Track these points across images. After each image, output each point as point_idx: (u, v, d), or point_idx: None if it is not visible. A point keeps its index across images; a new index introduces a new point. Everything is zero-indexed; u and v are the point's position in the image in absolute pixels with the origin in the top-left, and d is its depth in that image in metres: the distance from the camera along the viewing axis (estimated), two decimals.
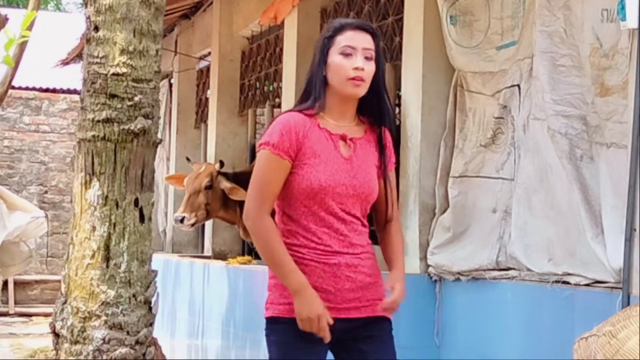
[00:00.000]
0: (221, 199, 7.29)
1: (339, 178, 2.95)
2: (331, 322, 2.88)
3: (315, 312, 2.87)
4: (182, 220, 7.10)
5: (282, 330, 2.99)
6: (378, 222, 3.17)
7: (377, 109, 3.03)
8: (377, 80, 2.99)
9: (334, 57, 2.96)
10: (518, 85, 4.47)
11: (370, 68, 2.96)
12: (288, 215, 3.00)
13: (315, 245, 2.97)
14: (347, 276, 2.98)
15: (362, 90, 2.97)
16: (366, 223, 3.07)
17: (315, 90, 2.97)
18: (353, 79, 2.93)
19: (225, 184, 7.21)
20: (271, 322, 3.04)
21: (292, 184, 2.95)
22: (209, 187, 7.18)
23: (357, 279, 3.00)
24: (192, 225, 7.27)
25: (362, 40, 2.98)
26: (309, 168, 2.93)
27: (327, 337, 2.89)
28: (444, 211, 4.93)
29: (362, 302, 3.01)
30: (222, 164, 7.43)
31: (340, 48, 2.95)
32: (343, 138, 2.99)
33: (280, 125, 2.96)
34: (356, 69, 2.93)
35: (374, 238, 3.19)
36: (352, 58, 2.94)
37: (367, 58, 2.96)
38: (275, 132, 2.94)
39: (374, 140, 3.06)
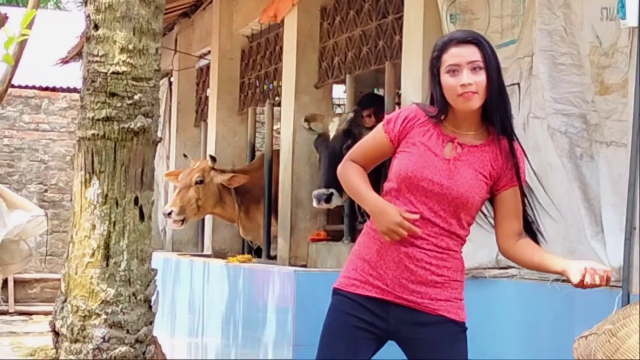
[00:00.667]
0: (215, 195, 7.30)
1: (427, 173, 2.98)
2: (408, 227, 2.94)
3: (392, 221, 2.94)
4: (169, 214, 7.11)
5: (338, 301, 3.09)
6: (503, 237, 3.15)
7: (498, 117, 3.04)
8: (492, 87, 3.01)
9: (444, 77, 3.00)
10: (518, 84, 4.47)
11: (480, 79, 2.97)
12: (387, 194, 3.10)
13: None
14: (407, 267, 3.00)
15: (475, 102, 2.98)
16: (456, 231, 3.07)
17: (440, 105, 3.02)
18: (461, 95, 2.95)
19: (221, 177, 7.21)
20: (333, 292, 3.14)
21: (392, 166, 3.09)
22: (200, 182, 7.19)
23: (418, 272, 3.00)
24: (182, 221, 7.26)
25: (466, 54, 2.98)
26: (406, 155, 3.02)
27: (417, 230, 2.96)
28: None
29: (423, 298, 3.02)
30: (213, 159, 7.43)
31: (447, 67, 2.99)
32: (452, 140, 3.02)
33: (406, 112, 3.10)
34: (462, 85, 2.95)
35: None
36: (458, 75, 2.96)
37: (474, 70, 2.97)
38: (399, 116, 3.09)
39: (496, 152, 3.04)
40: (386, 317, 3.02)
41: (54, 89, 15.05)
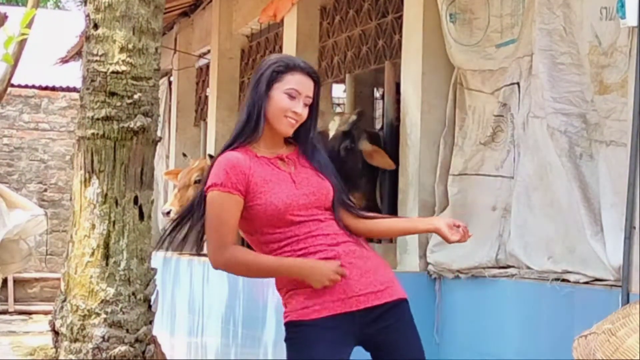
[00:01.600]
0: None
1: (297, 191, 3.08)
2: (341, 271, 3.00)
3: (329, 272, 2.99)
4: (168, 213, 7.11)
5: (302, 332, 3.05)
6: (347, 223, 3.19)
7: (307, 139, 3.23)
8: (308, 125, 3.20)
9: (278, 94, 3.11)
10: (517, 83, 4.47)
11: (305, 113, 3.16)
12: (268, 243, 3.09)
13: (305, 250, 3.06)
14: (350, 263, 3.04)
15: (292, 130, 3.16)
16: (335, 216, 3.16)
17: (253, 119, 3.12)
18: (289, 119, 3.12)
19: None
20: (291, 325, 3.09)
21: (258, 215, 3.05)
22: (199, 182, 7.19)
23: (359, 263, 3.06)
24: None
25: (308, 88, 3.15)
26: (267, 194, 3.04)
27: (346, 273, 3.00)
28: (444, 209, 4.93)
29: (376, 286, 3.07)
30: (212, 158, 7.43)
31: (287, 88, 3.11)
32: (280, 158, 3.15)
33: (222, 164, 3.08)
34: (295, 112, 3.11)
35: None
36: (295, 101, 3.11)
37: (305, 104, 3.15)
38: (221, 172, 3.06)
39: (303, 155, 3.22)
40: (352, 327, 3.03)
41: (53, 89, 15.06)
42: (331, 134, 5.93)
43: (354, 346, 3.11)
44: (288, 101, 3.10)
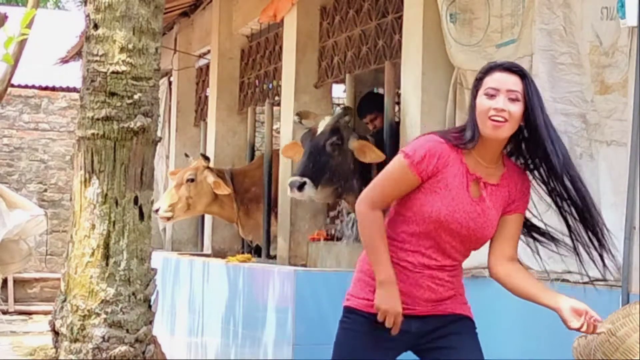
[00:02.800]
0: (208, 194, 7.30)
1: (458, 217, 3.01)
2: (397, 321, 3.00)
3: (395, 308, 2.98)
4: (156, 211, 7.11)
5: (358, 321, 3.09)
6: (497, 258, 3.20)
7: (534, 154, 3.05)
8: (531, 122, 2.97)
9: (480, 99, 2.97)
10: None
11: (514, 109, 2.93)
12: (403, 222, 3.07)
13: (406, 255, 3.07)
14: (429, 286, 3.08)
15: (503, 132, 2.95)
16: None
17: (471, 130, 2.99)
18: (491, 118, 2.93)
19: (210, 178, 7.21)
20: (349, 311, 3.13)
21: (417, 203, 3.01)
22: (191, 181, 7.19)
23: (439, 290, 3.10)
24: (169, 218, 7.27)
25: (507, 82, 2.95)
26: (437, 197, 2.99)
27: (396, 331, 3.00)
28: None
29: (441, 305, 3.12)
30: (206, 158, 7.43)
31: (485, 89, 2.96)
32: (477, 180, 3.02)
33: (428, 146, 3.00)
34: (495, 109, 2.92)
35: None
36: (494, 99, 2.94)
37: (511, 99, 2.94)
38: (420, 151, 2.99)
39: (512, 187, 3.08)
40: (408, 330, 3.07)
41: (53, 89, 15.05)
42: (319, 130, 5.91)
43: (403, 351, 3.15)
44: (487, 101, 2.93)
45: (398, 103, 6.10)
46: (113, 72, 3.51)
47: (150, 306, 3.60)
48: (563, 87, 4.11)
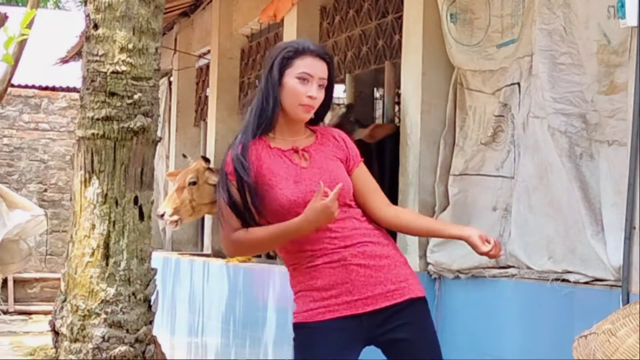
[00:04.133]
0: (211, 195, 7.28)
1: (304, 187, 3.02)
2: (330, 209, 2.92)
3: (319, 211, 2.91)
4: (162, 216, 7.10)
5: (307, 334, 3.08)
6: (376, 209, 3.16)
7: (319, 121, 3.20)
8: (326, 106, 3.16)
9: (291, 80, 3.06)
10: (518, 83, 4.47)
11: (321, 96, 3.10)
12: (291, 246, 3.09)
13: (312, 253, 3.04)
14: (358, 264, 3.02)
15: (310, 115, 3.11)
16: (355, 208, 3.11)
17: (269, 109, 3.07)
18: (304, 105, 3.05)
19: (214, 179, 7.20)
20: (297, 327, 3.13)
21: (266, 208, 3.03)
22: (193, 184, 7.18)
23: (370, 264, 3.03)
24: (176, 222, 7.25)
25: (320, 69, 3.08)
26: (274, 189, 3.01)
27: (336, 209, 2.92)
28: (444, 209, 4.93)
29: (387, 286, 3.04)
30: (206, 160, 7.42)
31: (298, 73, 3.06)
32: (295, 150, 3.09)
33: (228, 155, 3.07)
34: (310, 97, 3.05)
35: None
36: (308, 85, 3.05)
37: (320, 86, 3.08)
38: (229, 161, 3.06)
39: (331, 142, 3.17)
40: (359, 329, 3.02)
41: (53, 89, 15.06)
42: None
43: (362, 348, 3.10)
44: (301, 86, 3.04)
45: (398, 103, 6.10)
46: (113, 72, 3.51)
47: (150, 306, 3.60)
48: (563, 87, 4.11)
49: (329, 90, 3.12)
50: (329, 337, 3.00)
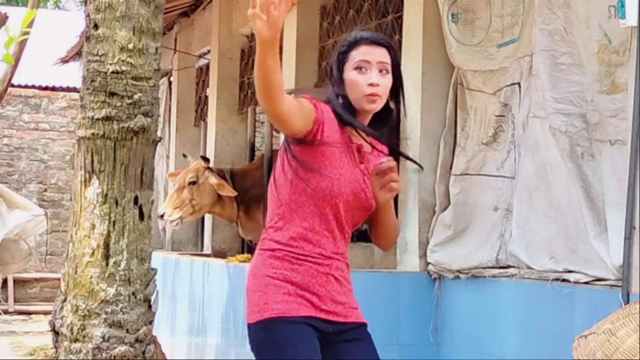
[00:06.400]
0: (211, 195, 7.28)
1: (354, 188, 2.91)
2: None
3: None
4: (162, 216, 7.10)
5: (289, 329, 2.90)
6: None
7: (389, 123, 3.00)
8: (396, 92, 2.95)
9: (349, 74, 2.92)
10: (518, 83, 4.47)
11: (386, 82, 2.91)
12: (293, 212, 2.92)
13: (312, 247, 2.93)
14: (336, 278, 2.95)
15: (379, 105, 2.92)
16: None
17: (347, 109, 2.92)
18: (369, 95, 2.88)
19: (213, 179, 7.20)
20: (272, 322, 2.90)
21: (311, 180, 2.86)
22: (193, 183, 7.18)
23: (343, 283, 2.98)
24: (176, 221, 7.24)
25: (377, 54, 2.91)
26: (332, 170, 2.86)
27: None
28: (444, 209, 4.93)
29: (346, 307, 2.98)
30: (205, 159, 7.42)
31: (355, 63, 2.91)
32: (359, 149, 2.95)
33: (324, 107, 2.90)
34: (371, 85, 2.88)
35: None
36: (367, 73, 2.90)
37: (381, 72, 2.91)
38: (321, 107, 2.87)
39: (377, 151, 3.01)
40: (325, 331, 2.93)
41: (53, 89, 15.05)
42: None
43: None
44: (359, 76, 2.88)
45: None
46: (113, 72, 3.51)
47: (150, 306, 3.60)
48: (564, 87, 4.11)
49: (397, 77, 2.93)
50: (307, 329, 2.88)
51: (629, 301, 3.55)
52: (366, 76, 2.89)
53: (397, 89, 2.94)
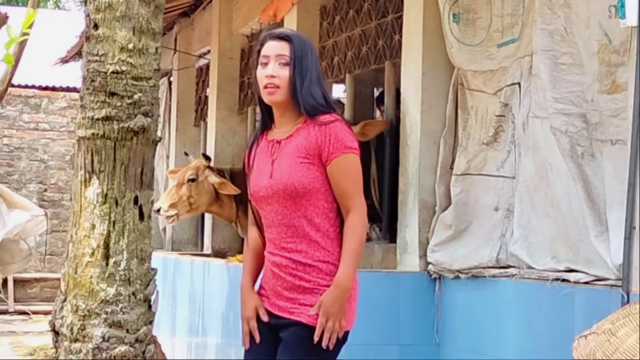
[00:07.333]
0: (210, 193, 7.28)
1: (260, 182, 3.07)
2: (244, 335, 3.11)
3: (242, 315, 3.15)
4: (158, 211, 7.10)
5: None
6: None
7: (300, 106, 3.03)
8: (293, 83, 3.01)
9: (257, 70, 3.08)
10: (519, 83, 4.47)
11: (284, 73, 3.01)
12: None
13: (267, 249, 3.15)
14: (277, 274, 3.06)
15: (278, 96, 3.03)
16: (309, 233, 3.01)
17: (261, 105, 3.13)
18: (266, 86, 3.02)
19: (213, 179, 7.20)
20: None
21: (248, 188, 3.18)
22: (193, 181, 7.18)
23: (287, 279, 3.04)
24: (172, 217, 7.24)
25: (276, 48, 3.04)
26: (253, 176, 3.14)
27: (246, 343, 3.11)
28: (444, 209, 4.93)
29: (294, 303, 3.03)
30: (207, 158, 7.42)
31: (260, 59, 3.07)
32: (278, 142, 3.08)
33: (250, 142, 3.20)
34: (267, 76, 3.02)
35: None
36: (267, 67, 3.04)
37: (281, 64, 3.02)
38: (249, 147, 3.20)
39: (309, 132, 3.01)
40: (270, 323, 3.11)
41: (53, 89, 15.05)
42: None
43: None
44: (261, 70, 3.05)
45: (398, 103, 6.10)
46: (113, 72, 3.51)
47: (150, 306, 3.60)
48: (564, 87, 4.11)
49: (297, 69, 3.00)
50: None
51: (629, 301, 3.55)
52: (265, 69, 3.03)
53: (296, 78, 3.00)
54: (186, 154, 8.21)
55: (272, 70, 3.00)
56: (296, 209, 3.00)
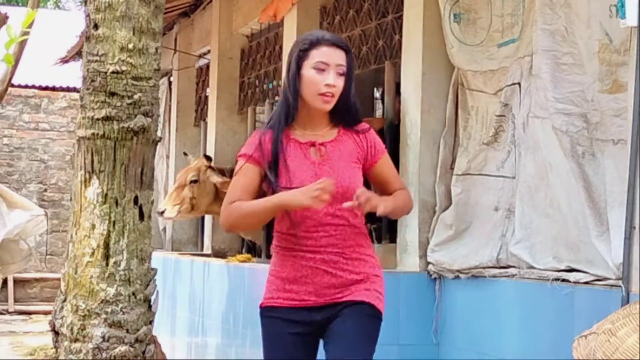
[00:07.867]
0: (211, 194, 7.29)
1: (306, 181, 3.06)
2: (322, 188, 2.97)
3: (309, 190, 2.98)
4: (162, 213, 7.11)
5: (267, 322, 3.32)
6: None
7: (346, 115, 3.18)
8: (346, 94, 3.13)
9: (308, 71, 3.09)
10: (519, 83, 4.47)
11: (340, 84, 3.09)
12: (279, 226, 3.19)
13: (293, 245, 3.14)
14: (325, 271, 3.10)
15: (330, 105, 3.12)
16: (355, 222, 3.15)
17: (290, 100, 3.12)
18: (323, 94, 3.07)
19: (216, 178, 7.20)
20: (260, 314, 3.37)
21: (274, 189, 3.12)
22: (195, 182, 7.18)
23: (337, 274, 3.10)
24: (173, 218, 7.26)
25: (336, 57, 3.09)
26: (284, 179, 3.08)
27: (323, 197, 2.97)
28: (445, 209, 4.92)
29: (344, 294, 3.11)
30: (208, 158, 7.42)
31: (315, 63, 3.08)
32: (312, 144, 3.13)
33: (252, 139, 3.18)
34: (327, 85, 3.06)
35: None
36: (325, 74, 3.07)
37: (339, 74, 3.09)
38: (249, 146, 3.16)
39: (352, 139, 3.19)
40: (312, 320, 3.13)
41: (53, 89, 15.05)
42: None
43: (317, 338, 3.19)
44: (318, 76, 3.07)
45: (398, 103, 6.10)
46: (113, 72, 3.51)
47: (150, 306, 3.60)
48: (565, 87, 4.11)
49: (348, 80, 3.12)
50: (288, 323, 3.17)
51: (628, 301, 3.55)
52: (323, 76, 3.06)
53: (345, 91, 3.12)
54: (185, 154, 8.21)
55: (334, 80, 3.06)
56: (344, 209, 3.08)
